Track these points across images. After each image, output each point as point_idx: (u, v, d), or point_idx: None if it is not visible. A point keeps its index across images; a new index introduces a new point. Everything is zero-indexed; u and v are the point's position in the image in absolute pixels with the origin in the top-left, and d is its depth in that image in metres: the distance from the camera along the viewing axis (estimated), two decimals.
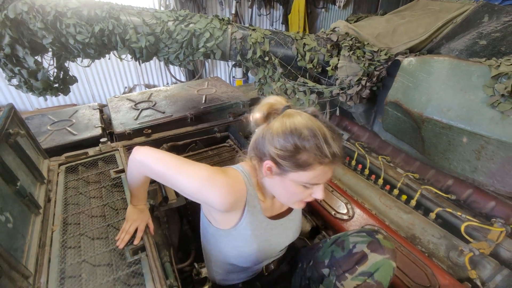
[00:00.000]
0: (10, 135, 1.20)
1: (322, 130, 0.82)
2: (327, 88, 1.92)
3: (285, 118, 0.85)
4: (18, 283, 0.90)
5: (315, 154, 0.81)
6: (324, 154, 0.81)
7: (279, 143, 0.83)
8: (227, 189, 0.88)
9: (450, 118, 1.29)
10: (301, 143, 0.81)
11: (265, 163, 0.88)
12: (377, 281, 0.93)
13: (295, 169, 0.84)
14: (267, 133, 0.87)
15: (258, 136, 0.91)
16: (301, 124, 0.82)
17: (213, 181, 0.87)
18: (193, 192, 0.91)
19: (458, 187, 1.69)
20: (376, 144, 2.18)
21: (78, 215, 1.29)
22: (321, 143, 0.80)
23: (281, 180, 0.89)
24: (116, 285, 1.02)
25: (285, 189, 0.91)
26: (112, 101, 2.39)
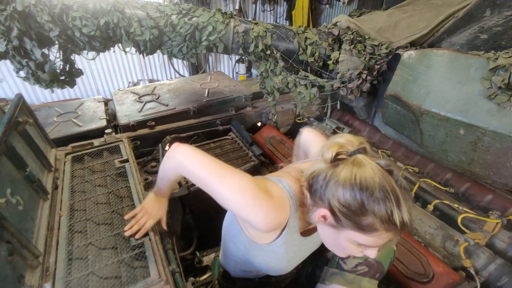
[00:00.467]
0: (19, 123, 1.24)
1: (396, 193, 0.70)
2: (328, 82, 1.94)
3: (355, 167, 0.72)
4: (29, 261, 0.95)
5: (382, 220, 0.70)
6: (393, 223, 0.69)
7: (343, 197, 0.72)
8: (272, 214, 0.79)
9: (448, 111, 1.31)
10: (370, 205, 0.69)
11: (321, 210, 0.79)
12: (378, 261, 0.96)
13: (355, 229, 0.74)
14: (332, 180, 0.75)
15: (319, 174, 0.80)
16: (373, 180, 0.70)
17: (258, 202, 0.78)
18: (235, 208, 0.82)
19: (456, 180, 1.71)
20: (377, 138, 2.20)
21: (84, 202, 1.34)
22: (393, 209, 0.69)
23: (334, 233, 0.80)
24: (120, 266, 1.07)
25: (335, 241, 0.82)
26: (116, 94, 2.43)
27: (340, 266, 1.01)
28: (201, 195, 1.76)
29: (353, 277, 0.98)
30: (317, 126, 2.31)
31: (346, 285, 0.98)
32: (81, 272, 1.03)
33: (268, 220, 0.78)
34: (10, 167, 1.08)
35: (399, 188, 0.71)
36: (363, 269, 0.97)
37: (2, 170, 1.00)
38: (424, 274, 1.18)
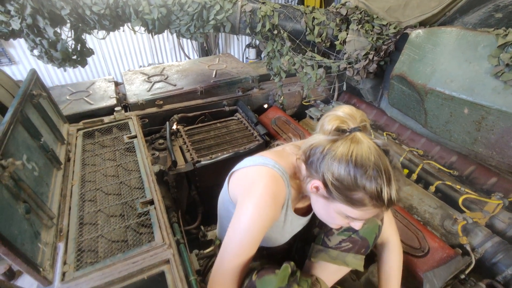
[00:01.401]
0: (34, 96, 1.30)
1: (388, 172, 0.72)
2: (334, 63, 1.93)
3: (353, 144, 0.75)
4: (44, 221, 1.02)
5: (371, 197, 0.73)
6: (382, 200, 0.72)
7: (338, 171, 0.75)
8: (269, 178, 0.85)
9: (453, 89, 1.30)
10: (362, 182, 0.72)
11: (314, 181, 0.82)
12: (362, 237, 0.99)
13: (345, 202, 0.77)
14: (329, 154, 0.77)
15: (316, 147, 0.82)
16: (368, 159, 0.72)
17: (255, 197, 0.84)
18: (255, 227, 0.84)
19: (461, 163, 1.71)
20: (383, 121, 2.19)
21: (95, 174, 1.41)
22: (383, 187, 0.71)
23: (325, 203, 0.84)
24: (127, 231, 1.13)
25: (326, 212, 0.87)
26: (126, 74, 2.48)
27: (325, 243, 1.04)
28: (207, 171, 1.82)
29: (338, 253, 1.00)
30: (323, 108, 2.31)
31: (331, 261, 1.01)
32: (91, 234, 1.11)
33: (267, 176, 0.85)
34: (26, 135, 1.15)
35: (392, 168, 0.73)
36: (347, 246, 1.00)
37: (18, 137, 1.07)
38: (419, 248, 1.20)
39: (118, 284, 0.95)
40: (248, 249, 0.84)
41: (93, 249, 1.06)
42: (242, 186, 0.92)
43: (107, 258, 1.02)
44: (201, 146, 1.88)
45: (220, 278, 0.84)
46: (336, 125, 0.79)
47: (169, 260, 1.03)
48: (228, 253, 0.84)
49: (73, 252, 1.03)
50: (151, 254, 1.03)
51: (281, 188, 0.88)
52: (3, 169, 0.86)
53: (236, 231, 0.84)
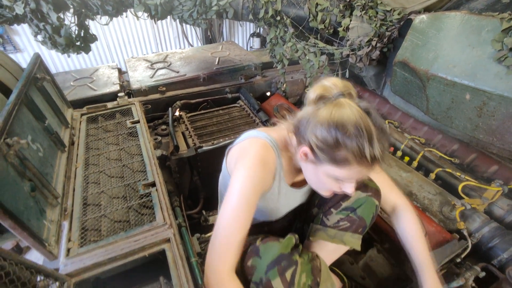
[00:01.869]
0: (38, 79, 1.32)
1: (370, 130, 0.74)
2: (337, 50, 1.92)
3: (335, 108, 0.77)
4: (49, 200, 1.06)
5: (354, 154, 0.75)
6: (364, 156, 0.75)
7: (321, 133, 0.78)
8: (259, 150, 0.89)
9: (455, 75, 1.28)
10: (343, 140, 0.75)
11: (302, 148, 0.85)
12: (360, 216, 1.01)
13: (330, 163, 0.80)
14: (313, 119, 0.81)
15: (303, 117, 0.85)
16: (349, 119, 0.74)
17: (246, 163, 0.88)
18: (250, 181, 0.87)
19: (462, 151, 1.70)
20: (386, 110, 2.18)
21: (98, 157, 1.44)
22: (364, 144, 0.74)
23: (314, 168, 0.86)
24: (129, 212, 1.16)
25: (316, 177, 0.89)
26: (130, 61, 2.49)
27: (323, 222, 1.06)
28: (209, 157, 1.84)
29: (336, 232, 1.03)
30: None
31: (329, 240, 1.03)
32: (94, 214, 1.14)
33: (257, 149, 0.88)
34: (30, 117, 1.17)
35: (374, 127, 0.75)
36: (345, 224, 1.02)
37: (23, 119, 1.09)
38: None
39: (121, 261, 0.99)
40: (244, 213, 0.84)
41: (97, 228, 1.10)
42: (236, 158, 0.94)
43: (110, 236, 1.05)
44: (203, 132, 1.90)
45: (218, 244, 0.82)
46: (320, 93, 0.83)
47: (170, 239, 1.06)
48: (224, 218, 0.84)
49: (77, 230, 1.07)
50: (152, 233, 1.07)
51: (270, 155, 0.91)
52: (8, 147, 0.88)
53: (231, 196, 0.85)
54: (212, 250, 0.81)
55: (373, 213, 1.03)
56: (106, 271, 0.97)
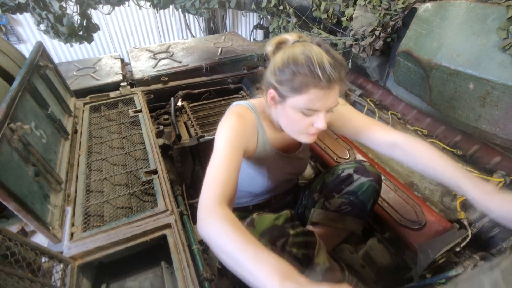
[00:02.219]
0: (41, 67, 1.33)
1: (320, 55, 0.81)
2: (340, 40, 1.90)
3: (288, 49, 0.85)
4: (53, 185, 1.07)
5: (308, 76, 0.81)
6: (318, 77, 0.80)
7: (278, 70, 0.85)
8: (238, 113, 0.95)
9: (459, 64, 1.27)
10: (296, 69, 0.82)
11: (269, 92, 0.91)
12: (361, 201, 1.02)
13: (292, 93, 0.85)
14: (271, 64, 0.89)
15: (266, 69, 0.93)
16: (299, 51, 0.82)
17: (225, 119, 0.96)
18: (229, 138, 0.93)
19: (465, 143, 1.69)
20: (389, 101, 2.17)
21: (101, 145, 1.45)
22: (314, 66, 0.79)
23: (282, 108, 0.91)
24: (131, 198, 1.18)
25: (287, 118, 0.92)
26: (132, 51, 2.49)
27: (325, 206, 1.07)
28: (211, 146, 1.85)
29: (337, 216, 1.04)
30: None
31: (331, 224, 1.04)
32: (97, 200, 1.16)
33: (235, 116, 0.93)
34: (34, 104, 1.18)
35: (325, 53, 0.81)
36: (347, 209, 1.03)
37: (26, 105, 1.10)
38: (416, 221, 1.22)
39: (123, 245, 1.00)
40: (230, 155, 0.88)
41: (99, 214, 1.11)
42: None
43: (112, 221, 1.07)
44: (206, 122, 1.90)
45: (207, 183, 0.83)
46: (275, 42, 0.90)
47: (171, 224, 1.07)
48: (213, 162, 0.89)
49: (81, 215, 1.08)
50: (154, 219, 1.08)
51: (248, 114, 0.99)
52: (12, 132, 0.90)
53: (217, 145, 0.92)
54: (203, 189, 0.82)
55: (374, 198, 1.04)
56: (108, 255, 0.99)
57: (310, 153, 1.82)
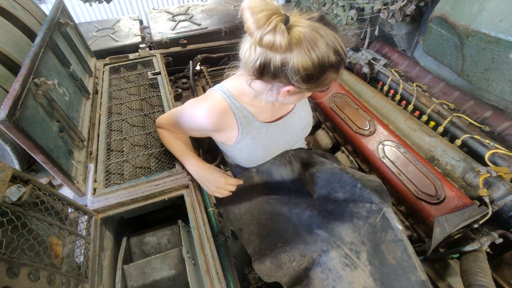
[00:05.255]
0: (61, 24, 1.32)
1: (339, 42, 0.77)
2: (368, 4, 1.77)
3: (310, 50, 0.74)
4: (76, 142, 1.11)
5: (337, 70, 0.81)
6: (341, 68, 0.82)
7: (305, 72, 0.76)
8: (205, 108, 0.96)
9: (501, 31, 1.16)
10: (329, 65, 0.77)
11: (285, 88, 0.83)
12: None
13: (317, 88, 0.85)
14: (289, 63, 0.75)
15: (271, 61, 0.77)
16: (325, 46, 0.75)
17: (193, 107, 1.01)
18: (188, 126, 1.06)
19: (495, 119, 1.60)
20: (415, 73, 2.05)
21: (120, 106, 1.47)
22: (342, 58, 0.79)
23: (298, 96, 0.91)
24: (150, 159, 1.21)
25: (299, 99, 0.97)
26: (151, 13, 2.43)
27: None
28: None
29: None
30: (351, 55, 2.18)
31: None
32: (117, 159, 1.19)
33: (207, 114, 0.96)
34: (56, 62, 1.19)
35: (335, 31, 0.78)
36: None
37: (49, 62, 1.11)
38: (435, 196, 1.20)
39: (142, 202, 1.04)
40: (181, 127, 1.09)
41: (120, 172, 1.15)
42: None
43: (132, 180, 1.10)
44: None
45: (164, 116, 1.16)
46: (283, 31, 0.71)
47: (188, 185, 1.10)
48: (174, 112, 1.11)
49: (102, 172, 1.12)
50: (172, 179, 1.11)
51: (219, 103, 0.98)
52: (36, 87, 0.91)
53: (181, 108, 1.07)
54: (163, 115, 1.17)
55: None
56: (128, 210, 1.03)
57: (329, 123, 1.78)
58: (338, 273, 0.95)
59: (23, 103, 0.81)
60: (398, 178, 1.31)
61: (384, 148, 1.44)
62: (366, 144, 1.48)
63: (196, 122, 1.01)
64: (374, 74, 2.10)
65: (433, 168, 1.31)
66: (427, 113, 1.69)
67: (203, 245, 0.94)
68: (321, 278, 0.96)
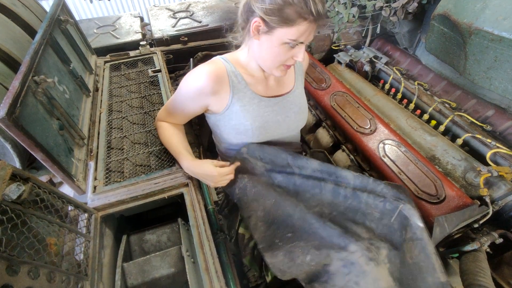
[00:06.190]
0: (62, 21, 1.32)
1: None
2: (370, 1, 1.76)
3: None
4: (76, 140, 1.11)
5: (301, 8, 0.84)
6: (310, 10, 0.84)
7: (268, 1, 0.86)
8: (204, 69, 1.02)
9: (504, 29, 1.15)
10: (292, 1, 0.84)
11: (253, 21, 0.91)
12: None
13: (282, 24, 0.87)
14: None
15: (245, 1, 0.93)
16: None
17: (192, 72, 1.05)
18: (185, 96, 1.09)
19: (497, 118, 1.59)
20: (417, 71, 2.04)
21: (121, 104, 1.47)
22: (311, 8, 0.83)
23: (267, 40, 0.93)
24: (150, 157, 1.21)
25: (271, 50, 0.95)
26: (152, 9, 2.42)
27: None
28: None
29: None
30: (353, 53, 2.17)
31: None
32: (118, 157, 1.19)
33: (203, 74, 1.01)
34: (56, 59, 1.19)
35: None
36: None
37: (49, 59, 1.11)
38: (435, 195, 1.20)
39: (142, 200, 1.04)
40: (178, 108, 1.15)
41: (120, 170, 1.15)
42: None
43: (132, 178, 1.10)
44: None
45: (164, 107, 1.22)
46: None
47: (188, 183, 1.10)
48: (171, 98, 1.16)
49: (102, 170, 1.13)
50: (172, 177, 1.11)
51: (218, 66, 1.05)
52: (36, 85, 0.91)
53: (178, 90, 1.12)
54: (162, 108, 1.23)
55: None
56: (128, 208, 1.04)
57: (329, 121, 1.78)
58: (361, 268, 0.87)
59: (22, 101, 0.81)
60: (399, 177, 1.30)
61: (384, 147, 1.44)
62: (366, 142, 1.47)
63: (194, 86, 1.04)
64: (376, 72, 2.09)
65: (433, 167, 1.31)
66: (429, 111, 1.69)
67: (203, 243, 0.94)
68: (342, 273, 0.88)
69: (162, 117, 1.22)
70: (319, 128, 1.81)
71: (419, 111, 1.71)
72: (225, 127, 1.16)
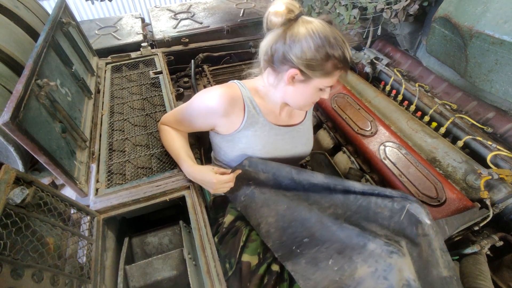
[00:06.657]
0: (64, 23, 1.32)
1: (342, 37, 0.87)
2: (371, 3, 1.76)
3: (307, 24, 0.87)
4: (78, 142, 1.11)
5: (340, 61, 0.88)
6: (346, 61, 0.89)
7: (308, 50, 0.86)
8: (220, 91, 1.01)
9: (505, 32, 1.15)
10: (331, 52, 0.85)
11: (289, 72, 0.91)
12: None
13: (321, 76, 0.90)
14: (292, 40, 0.87)
15: (276, 43, 0.91)
16: (326, 31, 0.85)
17: (208, 91, 1.05)
18: (196, 112, 1.08)
19: (498, 120, 1.59)
20: (417, 72, 2.04)
21: (122, 106, 1.47)
22: (344, 50, 0.87)
23: (303, 87, 0.96)
24: (151, 159, 1.21)
25: (305, 94, 0.98)
26: (153, 10, 2.43)
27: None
28: None
29: None
30: (354, 55, 2.17)
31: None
32: (119, 159, 1.20)
33: (219, 95, 1.00)
34: (58, 62, 1.19)
35: (341, 33, 0.88)
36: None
37: (51, 62, 1.11)
38: (436, 198, 1.20)
39: (143, 203, 1.05)
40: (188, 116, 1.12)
41: (121, 172, 1.16)
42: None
43: (134, 180, 1.11)
44: None
45: (170, 114, 1.20)
46: (285, 16, 0.88)
47: (190, 186, 1.10)
48: (181, 108, 1.14)
49: (104, 172, 1.13)
50: (173, 180, 1.11)
51: (234, 90, 1.04)
52: (39, 88, 0.92)
53: (189, 103, 1.10)
54: (169, 112, 1.22)
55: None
56: (130, 211, 1.04)
57: (330, 123, 1.78)
58: (386, 262, 0.84)
59: (26, 104, 0.82)
60: (399, 180, 1.31)
61: (385, 149, 1.44)
62: (367, 145, 1.48)
63: (207, 105, 1.04)
64: (376, 73, 2.10)
65: (434, 169, 1.31)
66: (429, 113, 1.69)
67: (204, 246, 0.95)
68: (369, 273, 0.85)
69: (167, 122, 1.20)
70: (320, 130, 1.82)
71: (420, 113, 1.72)
72: (231, 148, 1.14)
